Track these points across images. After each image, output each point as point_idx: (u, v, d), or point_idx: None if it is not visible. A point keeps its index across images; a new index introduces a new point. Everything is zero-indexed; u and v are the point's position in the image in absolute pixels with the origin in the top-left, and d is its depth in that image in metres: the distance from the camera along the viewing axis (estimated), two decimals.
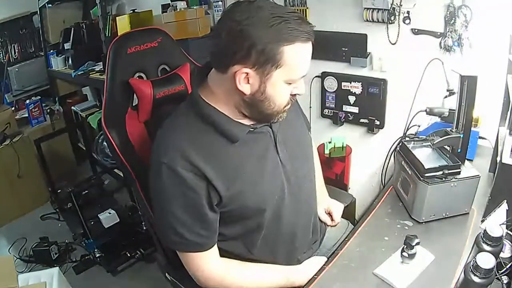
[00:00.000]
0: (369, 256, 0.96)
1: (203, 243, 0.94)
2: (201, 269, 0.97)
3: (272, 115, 0.91)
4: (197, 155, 0.87)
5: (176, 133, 0.91)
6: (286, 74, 0.84)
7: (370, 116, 1.85)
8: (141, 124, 1.18)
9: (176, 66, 1.25)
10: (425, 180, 1.02)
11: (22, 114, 3.15)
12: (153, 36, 1.22)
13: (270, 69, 0.82)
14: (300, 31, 0.80)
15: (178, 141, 0.89)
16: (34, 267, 2.32)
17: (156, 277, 1.83)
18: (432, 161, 1.07)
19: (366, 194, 1.96)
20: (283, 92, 0.87)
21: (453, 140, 1.12)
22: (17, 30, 3.34)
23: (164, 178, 0.88)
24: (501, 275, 0.82)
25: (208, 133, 0.90)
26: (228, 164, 0.91)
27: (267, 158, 0.97)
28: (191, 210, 0.90)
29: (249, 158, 0.94)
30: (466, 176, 1.04)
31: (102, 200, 2.69)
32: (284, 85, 0.86)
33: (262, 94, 0.85)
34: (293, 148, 1.03)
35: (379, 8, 1.61)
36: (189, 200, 0.89)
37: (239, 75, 0.82)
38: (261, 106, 0.88)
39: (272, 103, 0.88)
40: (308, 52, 0.85)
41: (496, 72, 1.33)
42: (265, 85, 0.84)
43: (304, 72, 0.87)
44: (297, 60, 0.83)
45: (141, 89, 1.14)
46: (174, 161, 0.86)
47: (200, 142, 0.89)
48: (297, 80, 0.88)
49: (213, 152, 0.89)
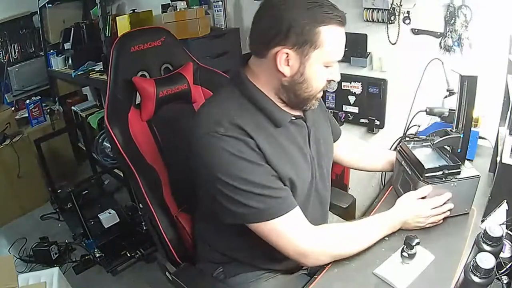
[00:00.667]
0: (369, 256, 0.96)
1: (290, 198, 0.90)
2: (302, 228, 0.90)
3: (308, 99, 0.93)
4: (249, 127, 0.88)
5: (225, 106, 0.91)
6: (323, 55, 0.87)
7: (370, 116, 1.85)
8: (144, 123, 1.18)
9: (179, 65, 1.26)
10: (425, 180, 1.02)
11: (22, 114, 3.15)
12: (157, 35, 1.22)
13: (308, 49, 0.85)
14: (334, 14, 0.84)
15: (227, 112, 0.89)
16: (34, 267, 2.32)
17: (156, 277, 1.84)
18: (432, 161, 1.07)
19: (366, 194, 1.96)
20: (320, 75, 0.90)
21: (453, 140, 1.11)
22: (17, 30, 3.34)
23: (221, 148, 0.85)
24: (501, 275, 0.82)
25: (254, 112, 0.92)
26: (275, 143, 0.92)
27: (303, 149, 0.99)
28: (264, 169, 0.88)
29: (290, 144, 0.96)
30: (466, 176, 1.04)
31: (102, 200, 2.69)
32: (322, 67, 0.89)
33: (301, 76, 0.88)
34: (320, 146, 1.06)
35: (379, 8, 1.62)
36: (255, 158, 0.87)
37: (280, 56, 0.86)
38: (299, 88, 0.90)
39: (309, 86, 0.90)
40: (343, 36, 0.89)
41: (496, 72, 1.33)
42: (304, 66, 0.87)
43: (339, 55, 0.90)
44: (333, 42, 0.86)
45: (144, 87, 1.14)
46: (230, 130, 0.86)
47: (249, 118, 0.90)
48: (333, 63, 0.91)
49: (261, 130, 0.91)
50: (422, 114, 1.38)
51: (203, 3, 2.29)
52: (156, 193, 1.15)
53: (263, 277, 1.06)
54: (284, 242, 0.89)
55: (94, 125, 2.90)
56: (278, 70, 0.87)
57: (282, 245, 0.90)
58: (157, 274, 1.31)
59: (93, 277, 2.23)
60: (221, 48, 2.14)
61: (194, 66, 1.27)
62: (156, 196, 1.15)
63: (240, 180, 0.85)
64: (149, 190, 1.13)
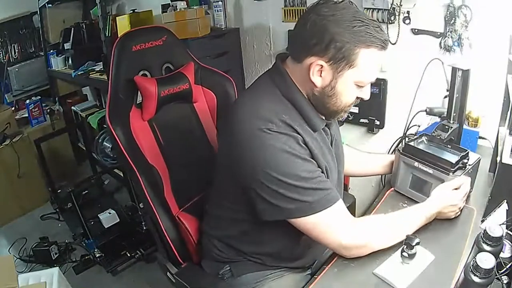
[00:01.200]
0: (369, 256, 0.96)
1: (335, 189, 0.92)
2: (345, 221, 0.91)
3: (336, 112, 0.95)
4: (295, 125, 0.89)
5: (271, 104, 0.91)
6: (357, 75, 0.88)
7: (370, 116, 1.85)
8: (145, 122, 1.18)
9: (180, 65, 1.25)
10: (455, 174, 1.04)
11: (22, 114, 3.15)
12: (158, 34, 1.22)
13: (344, 67, 0.86)
14: (378, 38, 0.84)
15: (276, 110, 0.88)
16: (34, 267, 2.32)
17: (156, 277, 1.84)
18: (448, 155, 1.10)
19: (366, 194, 1.96)
20: (351, 92, 0.91)
21: (455, 131, 1.18)
22: (17, 30, 3.34)
23: (273, 144, 0.85)
24: (501, 275, 0.82)
25: (296, 113, 0.93)
26: (316, 144, 0.94)
27: (330, 155, 1.01)
28: (312, 164, 0.90)
29: (323, 148, 0.98)
30: (474, 160, 1.09)
31: (102, 200, 2.70)
32: (353, 86, 0.90)
33: (332, 90, 0.90)
34: (338, 151, 1.08)
35: (379, 8, 1.62)
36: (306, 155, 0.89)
37: (314, 67, 0.87)
38: (328, 101, 0.92)
39: (339, 101, 0.92)
40: (381, 59, 0.89)
41: (496, 72, 1.33)
42: (336, 81, 0.88)
43: (373, 78, 0.91)
44: (369, 64, 0.87)
45: (146, 87, 1.14)
46: (281, 127, 0.86)
47: (292, 116, 0.91)
48: (366, 83, 0.92)
49: (304, 129, 0.92)
50: (422, 114, 1.38)
51: (203, 3, 2.29)
52: (157, 193, 1.15)
53: (270, 277, 1.06)
54: (328, 235, 0.91)
55: (94, 125, 2.90)
56: (310, 79, 0.89)
57: (325, 237, 0.91)
58: (157, 274, 1.31)
59: (93, 277, 2.23)
60: (221, 48, 2.14)
61: (195, 66, 1.27)
62: (158, 195, 1.15)
63: (292, 176, 0.86)
64: (150, 189, 1.13)
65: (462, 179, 1.05)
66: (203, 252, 1.16)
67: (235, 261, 1.07)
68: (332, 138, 1.04)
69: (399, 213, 1.01)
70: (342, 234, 0.91)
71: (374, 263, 0.93)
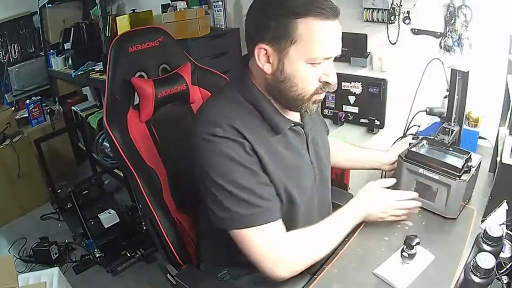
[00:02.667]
0: (369, 256, 0.96)
1: (275, 209, 0.88)
2: (274, 242, 0.87)
3: (297, 100, 0.88)
4: (247, 131, 0.86)
5: (226, 110, 0.89)
6: (303, 51, 0.81)
7: (370, 116, 1.85)
8: (142, 123, 1.18)
9: (177, 65, 1.25)
10: (462, 178, 1.02)
11: (22, 114, 3.15)
12: (155, 35, 1.22)
13: (285, 44, 0.81)
14: (314, 5, 0.78)
15: (228, 116, 0.87)
16: (34, 267, 2.32)
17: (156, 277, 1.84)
18: (452, 159, 1.09)
19: None
20: (304, 73, 0.84)
21: (457, 134, 1.18)
22: (17, 30, 3.33)
23: (218, 150, 0.84)
24: (501, 275, 0.82)
25: (255, 117, 0.91)
26: (273, 150, 0.90)
27: (303, 155, 0.98)
28: (255, 175, 0.86)
29: (288, 151, 0.94)
30: (476, 162, 1.08)
31: (102, 200, 2.70)
32: (304, 65, 0.83)
33: (282, 74, 0.84)
34: (318, 149, 1.05)
35: (379, 8, 1.62)
36: (249, 162, 0.85)
37: (258, 52, 0.84)
38: (282, 87, 0.86)
39: (294, 85, 0.85)
40: (328, 30, 0.81)
41: (496, 72, 1.33)
42: (283, 63, 0.83)
43: (325, 52, 0.82)
44: (313, 36, 0.80)
45: (143, 88, 1.14)
46: (229, 132, 0.84)
47: (249, 123, 0.88)
48: (318, 60, 0.83)
49: (260, 136, 0.89)
50: (422, 114, 1.38)
51: (203, 3, 2.29)
52: (156, 194, 1.15)
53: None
54: (257, 254, 0.87)
55: (94, 125, 2.90)
56: (260, 68, 0.85)
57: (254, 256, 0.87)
58: (157, 274, 1.31)
59: (93, 277, 2.23)
60: (221, 48, 2.14)
61: (192, 67, 1.27)
62: (156, 197, 1.15)
63: (231, 182, 0.84)
64: (148, 191, 1.13)
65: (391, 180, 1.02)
66: (202, 255, 1.16)
67: (232, 266, 1.07)
68: (307, 137, 1.00)
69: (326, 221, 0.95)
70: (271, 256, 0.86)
71: (374, 263, 0.93)
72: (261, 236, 0.86)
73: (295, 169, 0.95)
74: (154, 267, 2.19)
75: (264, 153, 0.88)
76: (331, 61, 0.86)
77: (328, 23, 0.80)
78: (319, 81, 0.86)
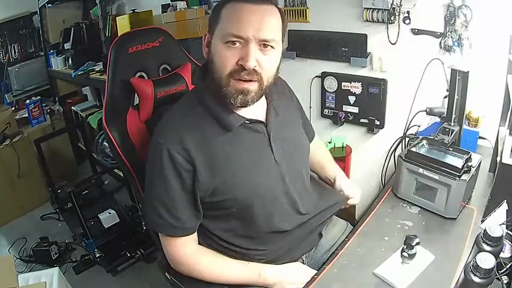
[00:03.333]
0: (369, 256, 0.96)
1: (179, 228, 0.95)
2: (175, 253, 0.99)
3: (218, 84, 0.89)
4: (191, 139, 0.91)
5: (176, 116, 0.96)
6: (219, 31, 0.88)
7: (370, 116, 1.85)
8: (142, 123, 1.18)
9: (177, 66, 1.25)
10: (462, 178, 1.03)
11: (22, 114, 3.14)
12: (155, 35, 1.22)
13: (213, 28, 0.90)
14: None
15: (176, 124, 0.94)
16: (34, 267, 2.32)
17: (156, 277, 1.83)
18: (452, 159, 1.09)
19: (366, 194, 1.95)
20: (221, 52, 0.87)
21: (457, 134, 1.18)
22: (17, 30, 3.33)
23: (156, 157, 0.91)
24: (501, 275, 0.82)
25: (204, 118, 0.94)
26: (219, 151, 0.93)
27: (261, 154, 0.98)
28: (174, 193, 0.92)
29: (241, 150, 0.95)
30: (477, 161, 1.09)
31: (102, 200, 2.70)
32: (220, 44, 0.87)
33: (209, 55, 0.92)
34: (289, 148, 1.03)
35: (379, 8, 1.62)
36: (174, 182, 0.91)
37: (203, 38, 0.94)
38: (211, 69, 0.91)
39: (215, 67, 0.89)
40: (244, 10, 0.85)
41: (496, 72, 1.33)
42: (210, 45, 0.91)
43: (234, 29, 0.85)
44: (228, 15, 0.87)
45: (142, 88, 1.14)
46: (169, 142, 0.90)
47: (195, 126, 0.93)
48: (229, 37, 0.85)
49: (206, 137, 0.92)
50: (422, 114, 1.38)
51: (203, 3, 2.29)
52: None
53: None
54: (165, 251, 1.02)
55: (94, 125, 2.90)
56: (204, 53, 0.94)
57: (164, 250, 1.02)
58: (157, 274, 1.31)
59: (93, 277, 2.23)
60: None
61: (193, 67, 1.27)
62: None
63: (151, 189, 0.95)
64: None
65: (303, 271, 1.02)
66: None
67: None
68: (269, 134, 0.99)
69: (236, 261, 1.00)
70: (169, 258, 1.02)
71: (374, 263, 0.93)
72: (166, 242, 0.99)
73: (247, 169, 0.95)
74: (154, 267, 2.18)
75: (204, 163, 0.91)
76: (250, 44, 0.85)
77: (246, 6, 0.86)
78: (236, 64, 0.87)
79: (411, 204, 1.15)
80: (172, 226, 0.94)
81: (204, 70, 0.96)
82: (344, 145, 1.90)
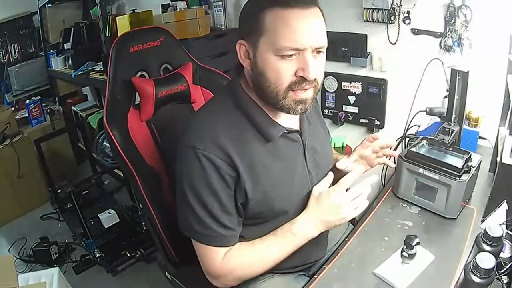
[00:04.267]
0: (369, 256, 0.96)
1: (228, 237, 0.90)
2: (216, 263, 0.92)
3: (273, 96, 0.84)
4: (231, 145, 0.85)
5: (212, 120, 0.89)
6: (270, 42, 0.79)
7: (370, 116, 1.85)
8: (143, 123, 1.18)
9: (178, 65, 1.25)
10: (462, 178, 1.03)
11: (22, 114, 3.14)
12: (156, 35, 1.22)
13: (256, 37, 0.81)
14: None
15: (213, 128, 0.86)
16: (34, 267, 2.32)
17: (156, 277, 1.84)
18: (452, 159, 1.09)
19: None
20: (275, 66, 0.80)
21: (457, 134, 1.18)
22: (17, 30, 3.33)
23: (196, 164, 0.84)
24: (501, 275, 0.82)
25: (243, 125, 0.89)
26: (258, 161, 0.89)
27: (296, 163, 0.96)
28: (221, 200, 0.87)
29: (279, 159, 0.92)
30: (477, 161, 1.08)
31: (102, 200, 2.70)
32: (273, 57, 0.80)
33: (256, 67, 0.84)
34: (319, 157, 1.02)
35: (379, 8, 1.62)
36: (220, 189, 0.86)
37: (239, 48, 0.86)
38: (260, 83, 0.84)
39: (267, 80, 0.82)
40: (295, 18, 0.78)
41: (496, 72, 1.33)
42: (255, 56, 0.83)
43: (290, 42, 0.78)
44: (277, 26, 0.78)
45: (143, 87, 1.14)
46: (209, 148, 0.84)
47: (234, 133, 0.87)
48: (285, 50, 0.79)
49: (246, 147, 0.88)
50: (422, 114, 1.38)
51: (203, 3, 2.29)
52: (155, 194, 1.15)
53: (260, 278, 1.05)
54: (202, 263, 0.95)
55: (94, 125, 2.90)
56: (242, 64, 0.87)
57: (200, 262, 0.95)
58: (157, 274, 1.31)
59: (93, 277, 2.23)
60: (221, 48, 2.14)
61: (194, 66, 1.27)
62: (156, 197, 1.15)
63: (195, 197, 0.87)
64: (148, 191, 1.13)
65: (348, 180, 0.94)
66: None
67: None
68: (305, 144, 0.97)
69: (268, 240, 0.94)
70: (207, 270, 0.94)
71: (374, 263, 0.93)
72: (207, 254, 0.92)
73: (282, 180, 0.93)
74: (154, 267, 2.19)
75: (246, 171, 0.86)
76: (305, 53, 0.80)
77: (294, 11, 0.78)
78: (295, 75, 0.82)
79: (411, 204, 1.15)
80: (221, 236, 0.89)
81: (238, 71, 0.93)
82: (344, 145, 1.90)
